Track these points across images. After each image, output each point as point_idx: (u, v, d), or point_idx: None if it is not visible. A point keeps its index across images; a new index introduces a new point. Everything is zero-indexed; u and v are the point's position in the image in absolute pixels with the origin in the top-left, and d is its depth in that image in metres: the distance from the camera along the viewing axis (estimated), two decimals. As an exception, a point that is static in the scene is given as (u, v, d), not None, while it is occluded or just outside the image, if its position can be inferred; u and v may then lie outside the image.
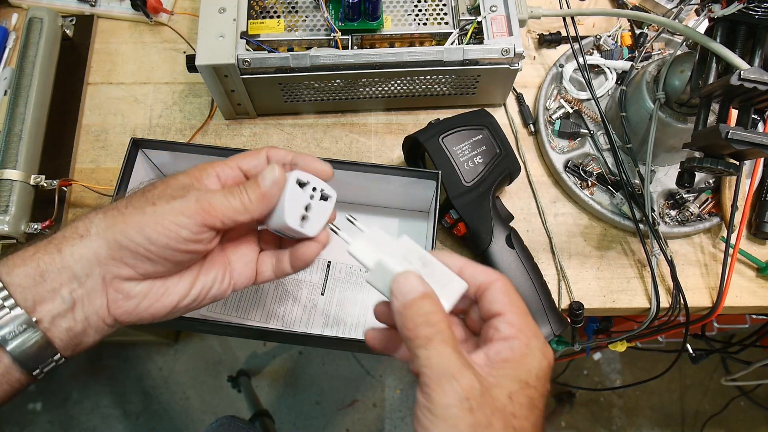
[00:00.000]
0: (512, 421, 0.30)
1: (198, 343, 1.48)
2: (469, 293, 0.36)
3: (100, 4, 0.70)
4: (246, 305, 0.57)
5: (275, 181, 0.38)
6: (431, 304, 0.32)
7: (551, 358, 0.34)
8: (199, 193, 0.36)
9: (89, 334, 0.36)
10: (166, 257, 0.36)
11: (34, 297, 0.34)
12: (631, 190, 0.58)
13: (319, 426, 1.42)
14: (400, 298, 0.33)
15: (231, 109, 0.63)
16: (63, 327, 0.35)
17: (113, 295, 0.36)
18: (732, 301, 0.59)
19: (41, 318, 0.34)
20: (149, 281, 0.37)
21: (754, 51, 0.46)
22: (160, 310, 0.38)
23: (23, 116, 0.59)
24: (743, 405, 1.46)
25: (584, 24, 0.71)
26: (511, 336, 0.33)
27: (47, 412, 1.41)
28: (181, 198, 0.36)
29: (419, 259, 0.35)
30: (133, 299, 0.37)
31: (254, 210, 0.37)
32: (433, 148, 0.55)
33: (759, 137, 0.41)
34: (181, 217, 0.35)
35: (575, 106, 0.64)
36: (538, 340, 0.33)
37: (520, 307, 0.34)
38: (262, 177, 0.38)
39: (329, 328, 0.57)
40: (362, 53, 0.56)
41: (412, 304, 0.32)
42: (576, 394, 1.44)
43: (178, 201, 0.36)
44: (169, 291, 0.38)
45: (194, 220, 0.35)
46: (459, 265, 0.36)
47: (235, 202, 0.37)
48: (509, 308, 0.34)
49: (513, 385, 0.31)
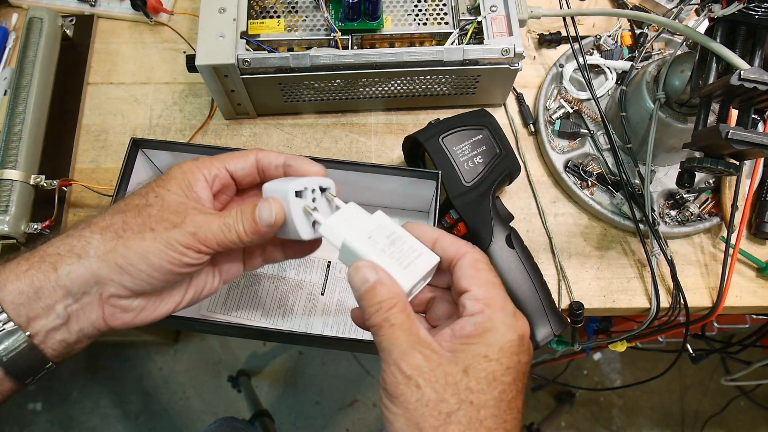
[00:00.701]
0: (468, 396, 0.31)
1: (198, 343, 1.48)
2: (442, 266, 0.36)
3: (100, 4, 0.70)
4: (246, 305, 0.57)
5: (272, 224, 0.37)
6: (383, 291, 0.33)
7: (522, 331, 0.33)
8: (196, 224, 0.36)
9: (82, 341, 0.37)
10: (166, 279, 0.36)
11: (28, 313, 0.34)
12: (631, 190, 0.58)
13: (319, 426, 1.42)
14: (355, 291, 0.34)
15: (231, 109, 0.63)
16: (57, 339, 0.35)
17: (110, 309, 0.36)
18: (732, 301, 0.59)
19: (35, 333, 0.34)
20: (146, 297, 0.38)
21: (754, 51, 0.46)
22: (156, 318, 0.39)
23: (23, 116, 0.59)
24: (743, 405, 1.46)
25: (584, 24, 0.71)
26: (476, 311, 0.33)
27: (47, 412, 1.41)
28: (179, 228, 0.36)
29: (388, 236, 0.35)
30: (131, 312, 0.37)
31: (249, 241, 0.38)
32: (433, 148, 0.55)
33: (759, 137, 0.41)
34: (181, 247, 0.35)
35: (575, 106, 0.64)
36: (504, 313, 0.33)
37: (489, 280, 0.34)
38: (260, 216, 0.37)
39: (329, 328, 0.57)
40: (362, 53, 0.56)
41: (364, 296, 0.33)
42: (576, 394, 1.44)
43: (176, 231, 0.35)
44: (164, 302, 0.38)
45: (194, 249, 0.36)
46: (433, 237, 0.36)
47: (231, 235, 0.37)
48: (476, 283, 0.34)
49: (471, 359, 0.31)
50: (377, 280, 0.33)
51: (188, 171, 0.38)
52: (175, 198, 0.37)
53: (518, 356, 0.33)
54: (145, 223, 0.36)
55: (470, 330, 0.32)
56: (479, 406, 0.31)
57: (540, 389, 1.44)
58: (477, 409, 0.31)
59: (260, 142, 0.65)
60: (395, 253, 0.34)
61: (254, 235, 0.37)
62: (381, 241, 0.35)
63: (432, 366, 0.31)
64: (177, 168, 0.39)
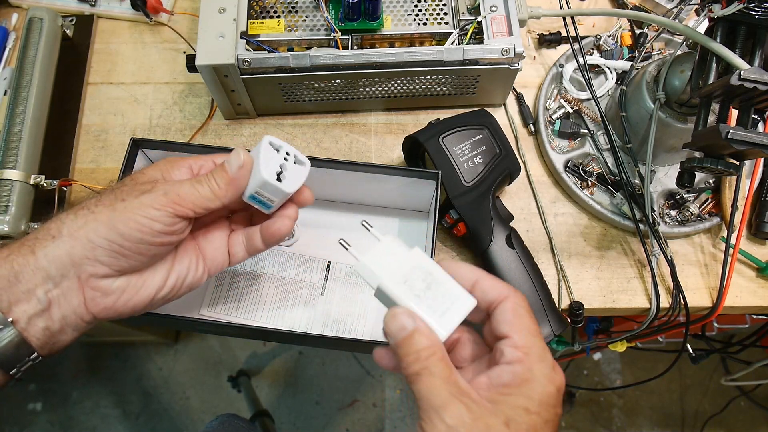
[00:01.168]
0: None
1: (198, 343, 1.48)
2: (481, 307, 0.35)
3: (100, 4, 0.70)
4: (246, 305, 0.57)
5: (242, 165, 0.38)
6: (422, 340, 0.32)
7: (560, 383, 0.33)
8: (167, 185, 0.37)
9: (67, 332, 0.36)
10: (140, 252, 0.36)
11: (9, 298, 0.34)
12: (631, 190, 0.58)
13: (319, 426, 1.42)
14: (391, 339, 0.33)
15: (231, 109, 0.63)
16: (40, 327, 0.35)
17: (90, 293, 0.36)
18: (732, 301, 0.59)
19: (17, 318, 0.34)
20: (126, 277, 0.37)
21: (754, 51, 0.46)
22: (138, 303, 0.38)
23: (23, 116, 0.59)
24: (743, 405, 1.46)
25: (584, 24, 0.71)
26: (514, 360, 0.32)
27: (47, 412, 1.41)
28: (150, 192, 0.36)
29: (424, 279, 0.34)
30: (111, 296, 0.37)
31: (224, 196, 0.38)
32: (433, 148, 0.55)
33: (759, 137, 0.41)
34: (151, 210, 0.35)
35: (575, 106, 0.64)
36: (544, 365, 0.32)
37: (529, 327, 0.33)
38: (228, 162, 0.39)
39: (329, 328, 0.57)
40: (362, 53, 0.56)
41: (401, 344, 0.32)
42: (576, 394, 1.44)
43: (146, 195, 0.36)
44: (146, 284, 0.38)
45: (165, 212, 0.36)
46: (472, 279, 0.35)
47: (203, 190, 0.37)
48: (516, 330, 0.33)
49: (511, 411, 0.31)
50: (415, 329, 0.32)
51: (171, 160, 0.40)
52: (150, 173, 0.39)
53: (555, 408, 0.32)
54: (117, 196, 0.36)
55: (508, 379, 0.32)
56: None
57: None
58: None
59: (260, 142, 0.65)
60: (431, 299, 0.34)
61: (227, 186, 0.38)
62: (417, 284, 0.34)
63: (474, 417, 0.30)
64: (163, 159, 0.41)
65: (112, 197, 0.36)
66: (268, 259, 0.59)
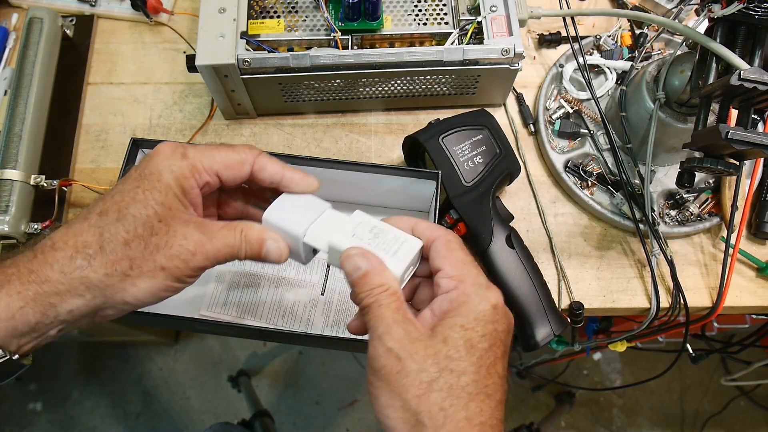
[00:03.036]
0: (448, 364, 0.32)
1: (198, 343, 1.48)
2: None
3: (100, 4, 0.70)
4: (246, 305, 0.57)
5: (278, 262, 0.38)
6: (374, 278, 0.34)
7: (495, 300, 0.35)
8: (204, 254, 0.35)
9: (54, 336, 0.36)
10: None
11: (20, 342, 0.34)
12: (631, 190, 0.58)
13: (319, 426, 1.42)
14: (348, 276, 0.35)
15: (231, 109, 0.63)
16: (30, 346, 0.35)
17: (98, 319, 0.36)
18: (732, 301, 0.59)
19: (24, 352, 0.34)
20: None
21: (754, 51, 0.46)
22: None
23: (23, 116, 0.59)
24: (743, 405, 1.46)
25: (584, 24, 0.71)
26: (450, 288, 0.35)
27: (47, 412, 1.41)
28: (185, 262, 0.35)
29: (370, 231, 0.37)
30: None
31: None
32: (433, 148, 0.55)
33: (759, 137, 0.41)
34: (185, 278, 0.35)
35: (575, 106, 0.64)
36: (477, 286, 0.35)
37: (460, 257, 0.36)
38: (267, 252, 0.37)
39: (329, 328, 0.57)
40: (362, 53, 0.56)
41: (357, 282, 0.35)
42: (576, 394, 1.44)
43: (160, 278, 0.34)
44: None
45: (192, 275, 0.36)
46: (411, 224, 0.38)
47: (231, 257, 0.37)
48: (448, 262, 0.36)
49: (448, 330, 0.33)
50: (369, 269, 0.34)
51: (182, 177, 0.35)
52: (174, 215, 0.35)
53: (493, 324, 0.34)
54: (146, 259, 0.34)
55: (446, 306, 0.34)
56: (459, 373, 0.32)
57: (540, 389, 1.44)
58: (457, 376, 0.32)
59: (260, 142, 0.65)
60: (381, 244, 0.36)
61: (252, 259, 0.38)
62: (365, 236, 0.37)
63: (412, 339, 0.32)
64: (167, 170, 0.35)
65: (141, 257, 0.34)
66: (268, 259, 0.59)
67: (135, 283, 0.34)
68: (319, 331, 0.56)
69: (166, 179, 0.35)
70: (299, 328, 0.57)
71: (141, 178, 0.35)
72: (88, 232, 0.34)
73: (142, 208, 0.34)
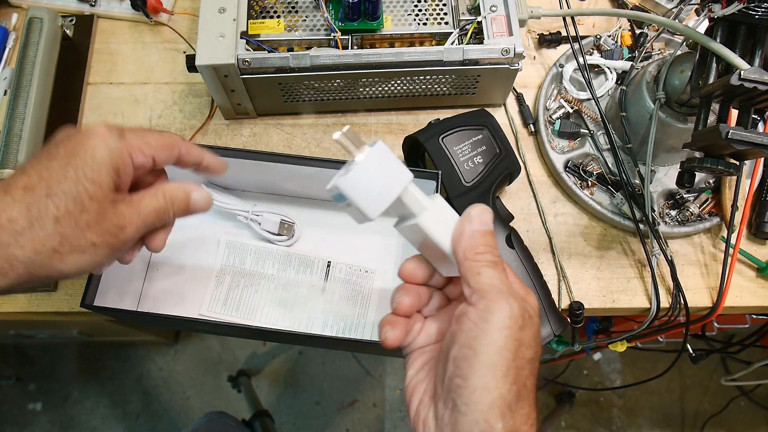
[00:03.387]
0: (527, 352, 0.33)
1: (198, 343, 1.48)
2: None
3: (100, 4, 0.70)
4: (246, 305, 0.57)
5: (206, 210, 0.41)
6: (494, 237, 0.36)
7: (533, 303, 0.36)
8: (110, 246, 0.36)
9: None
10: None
11: None
12: (631, 190, 0.58)
13: (319, 426, 1.42)
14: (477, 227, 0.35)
15: (231, 109, 0.63)
16: None
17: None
18: (732, 301, 0.59)
19: None
20: None
21: (754, 51, 0.46)
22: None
23: (23, 116, 0.59)
24: (743, 405, 1.46)
25: (584, 24, 0.71)
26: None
27: (47, 412, 1.41)
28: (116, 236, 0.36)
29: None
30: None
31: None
32: (433, 148, 0.55)
33: (759, 137, 0.41)
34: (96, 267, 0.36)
35: (575, 106, 0.64)
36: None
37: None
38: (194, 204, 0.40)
39: (329, 328, 0.57)
40: (362, 53, 0.56)
41: (485, 233, 0.35)
42: (576, 394, 1.44)
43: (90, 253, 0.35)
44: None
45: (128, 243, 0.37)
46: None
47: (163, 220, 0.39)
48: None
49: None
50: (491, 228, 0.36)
51: (118, 156, 0.36)
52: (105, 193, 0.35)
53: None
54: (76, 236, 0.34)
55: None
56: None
57: (540, 389, 1.44)
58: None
59: (260, 141, 0.65)
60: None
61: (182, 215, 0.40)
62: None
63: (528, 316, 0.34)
64: (104, 148, 0.36)
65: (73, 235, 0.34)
66: (268, 259, 0.59)
67: (63, 260, 0.34)
68: (319, 331, 0.56)
69: (100, 157, 0.35)
70: (299, 328, 0.56)
71: (72, 155, 0.35)
72: (12, 207, 0.33)
73: (73, 185, 0.34)
